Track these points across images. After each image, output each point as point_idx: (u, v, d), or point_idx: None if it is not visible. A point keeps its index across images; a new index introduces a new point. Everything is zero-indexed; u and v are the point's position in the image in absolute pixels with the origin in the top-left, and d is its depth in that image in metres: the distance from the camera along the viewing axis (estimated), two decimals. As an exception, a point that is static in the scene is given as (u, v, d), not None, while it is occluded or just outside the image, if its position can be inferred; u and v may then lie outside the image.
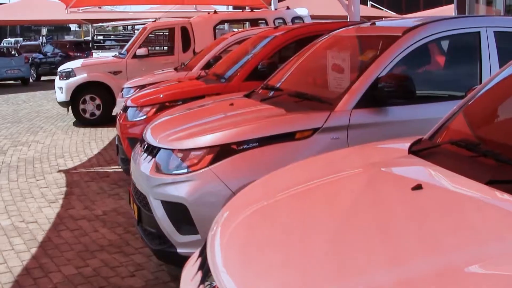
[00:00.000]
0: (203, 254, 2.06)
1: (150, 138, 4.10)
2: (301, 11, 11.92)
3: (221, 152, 3.49)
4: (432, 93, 4.03)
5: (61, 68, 11.61)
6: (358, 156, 2.64)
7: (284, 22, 11.48)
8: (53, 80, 22.71)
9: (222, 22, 11.76)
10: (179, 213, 3.52)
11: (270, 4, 14.67)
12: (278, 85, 4.80)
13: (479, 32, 4.03)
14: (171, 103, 5.88)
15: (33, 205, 6.09)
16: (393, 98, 3.63)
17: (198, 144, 3.58)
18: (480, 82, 3.98)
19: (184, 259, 3.63)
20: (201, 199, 3.45)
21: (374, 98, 3.68)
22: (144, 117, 6.02)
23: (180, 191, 3.49)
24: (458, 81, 4.13)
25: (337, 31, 4.84)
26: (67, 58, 21.49)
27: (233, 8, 21.14)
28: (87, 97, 11.17)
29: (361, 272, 1.51)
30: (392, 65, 3.77)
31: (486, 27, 4.05)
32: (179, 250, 3.58)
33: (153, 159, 3.82)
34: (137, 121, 6.07)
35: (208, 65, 8.14)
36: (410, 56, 3.87)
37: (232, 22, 12.68)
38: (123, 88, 8.89)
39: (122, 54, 11.84)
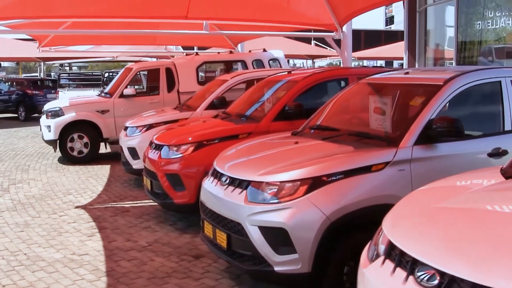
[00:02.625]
0: (390, 256, 2.69)
1: (232, 171, 4.69)
2: (277, 53, 12.79)
3: (314, 183, 4.13)
4: (471, 131, 4.84)
5: (47, 107, 11.85)
6: (468, 184, 3.37)
7: (262, 64, 12.32)
8: (9, 118, 22.63)
9: (205, 63, 12.41)
10: (277, 236, 4.11)
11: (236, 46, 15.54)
12: (318, 123, 5.54)
13: (500, 81, 4.94)
14: (209, 142, 6.47)
15: (74, 239, 6.42)
16: (446, 137, 4.41)
17: (292, 177, 4.21)
18: (503, 121, 4.85)
19: (279, 276, 4.22)
20: (299, 223, 4.06)
21: (428, 136, 4.45)
22: (180, 155, 6.55)
23: (280, 217, 4.09)
24: (488, 121, 4.98)
25: (371, 77, 5.63)
26: (26, 97, 21.46)
27: (183, 48, 21.87)
28: (75, 136, 11.46)
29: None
30: (440, 108, 4.58)
31: (505, 77, 4.96)
32: (276, 269, 4.15)
33: (244, 190, 4.40)
34: (173, 159, 6.58)
35: (212, 105, 8.74)
36: (452, 100, 4.71)
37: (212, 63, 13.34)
38: (127, 127, 9.29)
39: (105, 93, 12.21)
